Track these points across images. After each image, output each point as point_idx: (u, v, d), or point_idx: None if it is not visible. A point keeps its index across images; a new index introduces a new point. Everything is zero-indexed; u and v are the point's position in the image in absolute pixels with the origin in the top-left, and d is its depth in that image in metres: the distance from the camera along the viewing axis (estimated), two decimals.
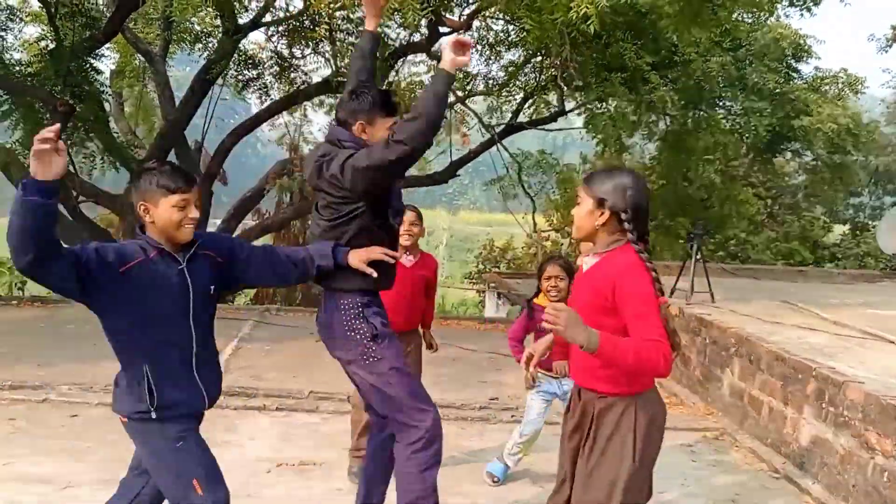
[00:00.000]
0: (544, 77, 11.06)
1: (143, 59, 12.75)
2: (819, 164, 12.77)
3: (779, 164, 15.13)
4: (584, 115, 10.38)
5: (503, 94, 12.17)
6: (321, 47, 10.71)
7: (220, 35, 10.69)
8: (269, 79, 12.04)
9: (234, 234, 12.59)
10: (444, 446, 2.94)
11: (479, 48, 11.25)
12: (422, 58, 11.82)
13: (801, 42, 10.96)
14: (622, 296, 2.13)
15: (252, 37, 11.55)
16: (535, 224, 11.78)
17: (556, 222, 14.29)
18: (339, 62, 10.29)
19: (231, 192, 14.43)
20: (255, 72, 11.95)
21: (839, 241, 16.26)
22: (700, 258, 6.89)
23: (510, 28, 10.45)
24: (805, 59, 11.24)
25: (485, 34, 11.16)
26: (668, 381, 6.03)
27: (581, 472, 2.29)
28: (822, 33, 11.42)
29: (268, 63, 11.77)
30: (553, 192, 13.42)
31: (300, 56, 11.20)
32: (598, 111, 9.54)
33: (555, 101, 11.77)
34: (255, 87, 12.14)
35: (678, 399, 5.80)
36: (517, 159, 12.32)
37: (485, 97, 12.36)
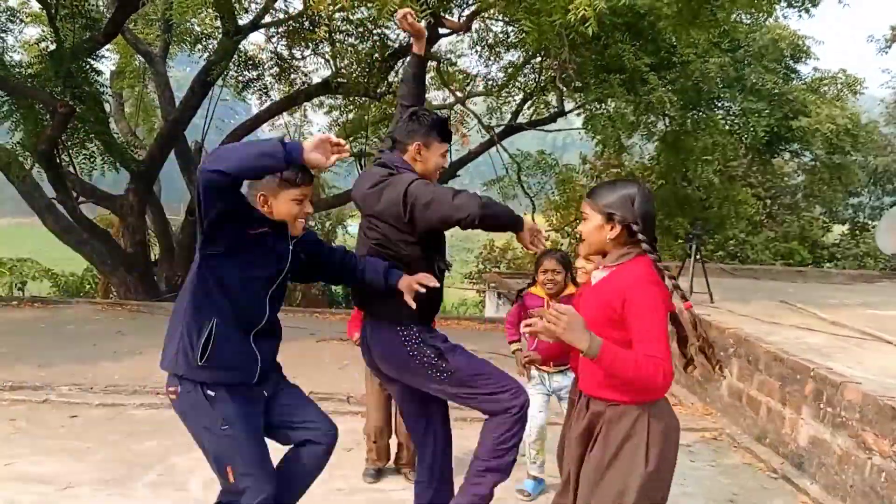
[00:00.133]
0: (544, 78, 11.09)
1: (143, 59, 12.79)
2: (818, 164, 12.78)
3: (778, 165, 15.13)
4: (583, 116, 10.40)
5: (502, 94, 12.20)
6: (321, 48, 10.73)
7: (221, 36, 10.72)
8: (269, 80, 12.08)
9: None
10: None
11: (479, 49, 11.28)
12: None
13: (800, 43, 10.97)
14: (631, 309, 2.10)
15: (252, 38, 11.61)
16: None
17: (555, 222, 14.30)
18: (338, 63, 10.31)
19: None
20: (255, 73, 11.98)
21: (838, 242, 16.27)
22: (699, 258, 6.91)
23: (510, 29, 10.48)
24: (804, 59, 11.26)
25: (484, 35, 11.20)
26: None
27: (589, 477, 2.24)
28: (820, 34, 11.43)
29: (268, 64, 11.79)
30: (552, 192, 13.44)
31: (300, 57, 11.23)
32: (597, 112, 9.56)
33: (554, 101, 11.79)
34: (255, 87, 12.17)
35: (676, 399, 5.81)
36: (516, 160, 12.34)
37: (484, 98, 12.39)
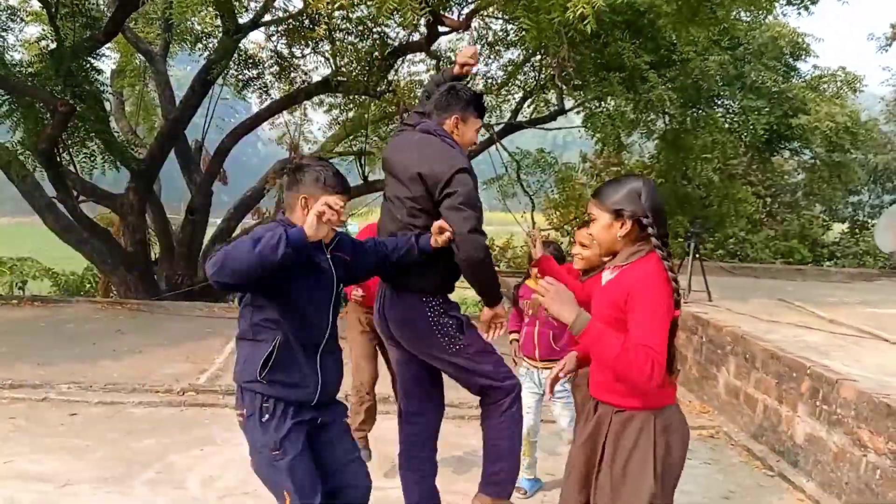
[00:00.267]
0: (543, 76, 11.08)
1: (143, 58, 12.80)
2: (817, 162, 12.76)
3: (778, 163, 15.12)
4: (582, 114, 10.40)
5: (502, 93, 12.20)
6: (321, 47, 10.74)
7: (221, 35, 10.72)
8: (269, 78, 12.08)
9: (234, 234, 12.64)
10: (440, 445, 3.11)
11: (479, 47, 11.27)
12: (421, 57, 11.86)
13: (800, 41, 10.97)
14: (633, 302, 2.05)
15: (252, 36, 11.60)
16: (533, 223, 11.80)
17: (556, 221, 14.30)
18: (338, 61, 10.32)
19: (232, 191, 14.47)
20: (255, 71, 11.98)
21: (838, 240, 16.26)
22: (697, 256, 6.92)
23: (509, 27, 10.48)
24: (803, 57, 11.25)
25: (484, 33, 11.20)
26: None
27: (603, 489, 2.18)
28: (819, 32, 11.42)
29: (268, 63, 11.80)
30: (552, 190, 13.43)
31: (300, 56, 11.24)
32: (597, 110, 9.56)
33: (554, 100, 11.79)
34: (255, 86, 12.18)
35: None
36: (516, 158, 12.34)
37: (484, 96, 12.38)
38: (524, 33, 6.98)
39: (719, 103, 10.76)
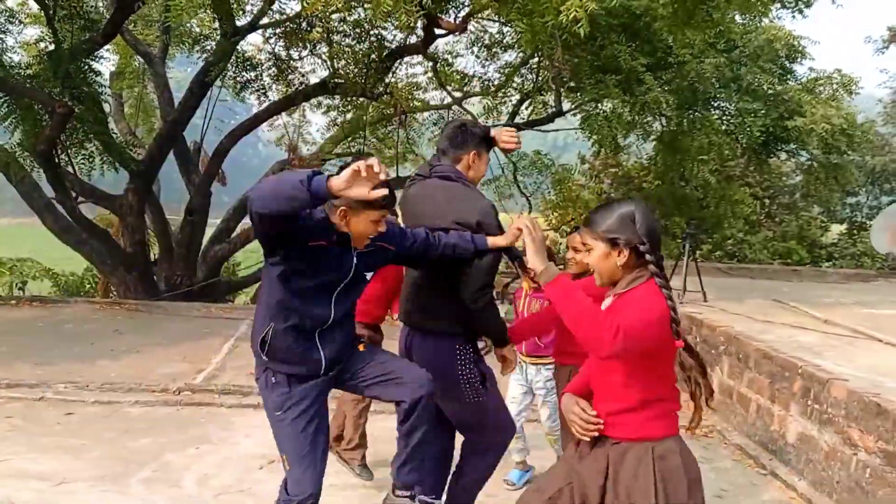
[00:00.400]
0: (541, 79, 11.13)
1: (142, 60, 12.84)
2: (814, 164, 12.80)
3: (775, 164, 15.14)
4: (579, 116, 10.44)
5: (500, 95, 12.24)
6: (318, 49, 10.78)
7: (219, 37, 10.77)
8: (267, 80, 12.13)
9: (233, 234, 12.69)
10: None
11: (476, 50, 11.33)
12: (419, 59, 11.91)
13: (795, 43, 11.01)
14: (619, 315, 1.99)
15: (250, 38, 11.66)
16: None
17: (554, 222, 14.33)
18: (335, 63, 10.36)
19: (232, 191, 14.52)
20: (253, 73, 12.03)
21: (836, 241, 16.28)
22: (695, 257, 6.94)
23: (506, 30, 10.53)
24: (799, 60, 11.29)
25: (481, 35, 11.25)
26: None
27: None
28: (815, 35, 11.46)
29: (266, 65, 11.85)
30: (548, 191, 13.46)
31: (297, 58, 11.29)
32: (594, 112, 9.59)
33: (551, 101, 11.83)
34: (253, 88, 12.22)
35: None
36: (512, 159, 12.38)
37: (481, 98, 12.43)
38: (519, 36, 7.02)
39: (715, 105, 10.80)
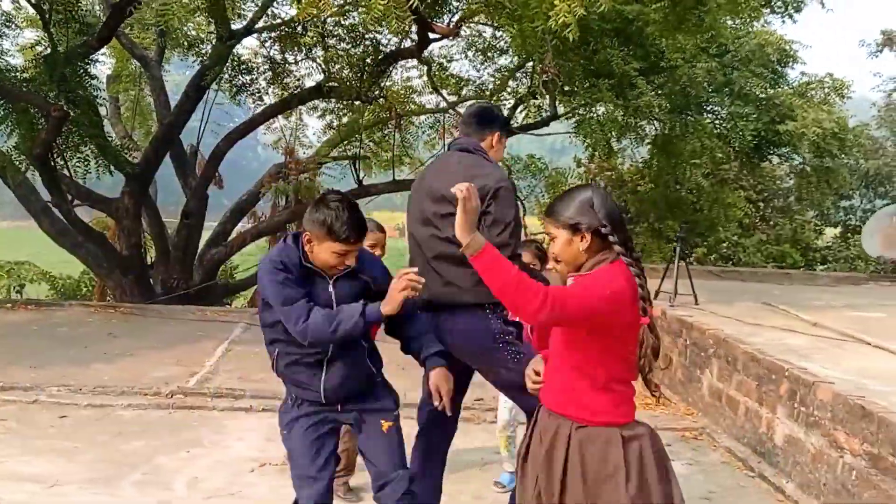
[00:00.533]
0: (535, 83, 11.19)
1: (139, 64, 12.87)
2: (807, 168, 12.86)
3: (769, 168, 15.19)
4: (573, 120, 10.50)
5: (494, 99, 12.29)
6: (313, 53, 10.83)
7: (215, 41, 10.81)
8: (263, 84, 12.18)
9: (230, 237, 12.70)
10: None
11: (470, 54, 11.39)
12: (413, 63, 11.96)
13: (787, 48, 11.10)
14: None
15: (246, 42, 11.71)
16: (525, 227, 11.90)
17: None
18: (330, 67, 10.41)
19: (230, 194, 14.56)
20: (248, 77, 12.07)
21: (830, 245, 16.33)
22: (686, 261, 6.97)
23: (500, 34, 10.59)
24: (791, 64, 11.38)
25: (476, 40, 11.31)
26: None
27: None
28: (806, 39, 11.57)
29: (261, 68, 11.89)
30: (542, 195, 13.52)
31: (293, 61, 11.33)
32: (587, 116, 9.65)
33: (546, 105, 11.90)
34: (249, 91, 12.26)
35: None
36: (506, 163, 12.43)
37: (476, 102, 12.48)
38: (511, 41, 7.07)
39: (708, 109, 10.87)
